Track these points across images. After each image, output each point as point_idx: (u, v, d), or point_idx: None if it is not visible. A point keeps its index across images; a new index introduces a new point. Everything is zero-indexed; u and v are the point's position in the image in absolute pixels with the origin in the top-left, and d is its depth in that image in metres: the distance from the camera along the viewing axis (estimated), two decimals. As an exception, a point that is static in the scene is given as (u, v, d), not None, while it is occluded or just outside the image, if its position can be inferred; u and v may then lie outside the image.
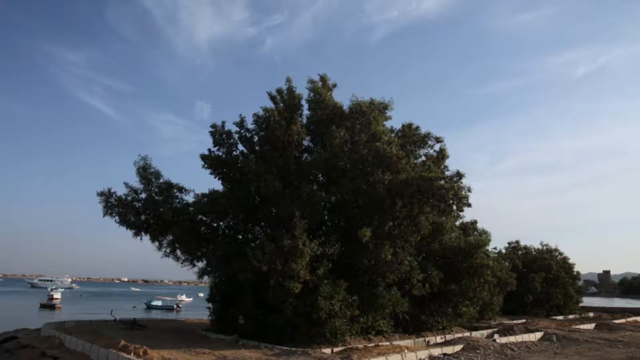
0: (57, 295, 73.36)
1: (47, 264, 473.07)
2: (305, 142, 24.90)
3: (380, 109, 24.68)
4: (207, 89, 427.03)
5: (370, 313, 21.29)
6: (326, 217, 23.62)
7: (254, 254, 19.23)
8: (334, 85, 25.96)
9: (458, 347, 20.74)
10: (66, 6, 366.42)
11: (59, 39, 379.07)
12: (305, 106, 25.14)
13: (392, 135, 24.92)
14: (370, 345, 20.23)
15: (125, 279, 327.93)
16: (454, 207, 22.24)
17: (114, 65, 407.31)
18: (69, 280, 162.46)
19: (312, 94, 24.92)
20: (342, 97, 25.43)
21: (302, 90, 25.18)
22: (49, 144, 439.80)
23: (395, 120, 26.71)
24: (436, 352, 19.51)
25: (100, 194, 23.10)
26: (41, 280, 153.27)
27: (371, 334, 21.83)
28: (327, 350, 18.58)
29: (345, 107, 24.54)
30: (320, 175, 24.55)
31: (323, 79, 25.72)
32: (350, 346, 19.73)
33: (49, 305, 64.75)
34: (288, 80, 25.04)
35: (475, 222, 31.25)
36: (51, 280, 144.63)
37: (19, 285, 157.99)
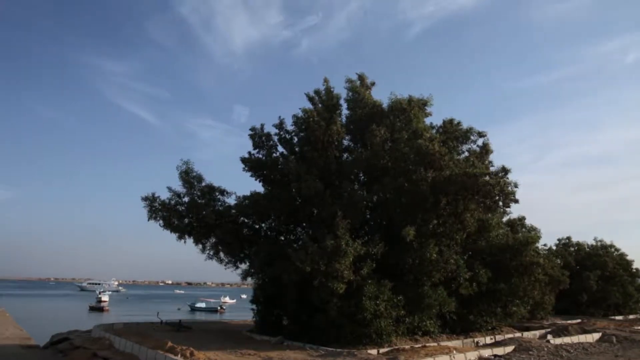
0: (105, 298, 75.60)
1: (95, 267, 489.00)
2: (345, 142, 24.73)
3: (419, 105, 24.19)
4: (244, 92, 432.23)
5: (416, 313, 20.85)
6: (368, 216, 23.31)
7: (297, 254, 19.15)
8: (373, 84, 25.67)
9: (509, 348, 20.06)
10: (108, 20, 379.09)
11: (102, 51, 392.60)
12: (344, 106, 24.96)
13: (433, 131, 24.40)
14: (417, 346, 19.81)
15: (169, 282, 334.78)
16: (500, 204, 21.58)
17: (153, 73, 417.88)
18: (116, 283, 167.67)
19: (350, 94, 24.69)
20: (381, 95, 25.14)
21: (340, 90, 25.06)
22: (96, 151, 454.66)
23: (435, 117, 26.11)
24: (486, 353, 18.92)
25: (145, 199, 23.59)
26: (90, 283, 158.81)
27: (417, 335, 21.39)
28: (373, 351, 18.29)
29: (385, 105, 24.18)
30: (361, 175, 24.30)
31: (361, 77, 25.46)
32: (396, 347, 19.37)
33: (97, 308, 66.78)
34: (326, 80, 24.95)
35: (523, 218, 30.31)
36: (99, 284, 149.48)
37: (69, 289, 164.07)
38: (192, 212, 23.19)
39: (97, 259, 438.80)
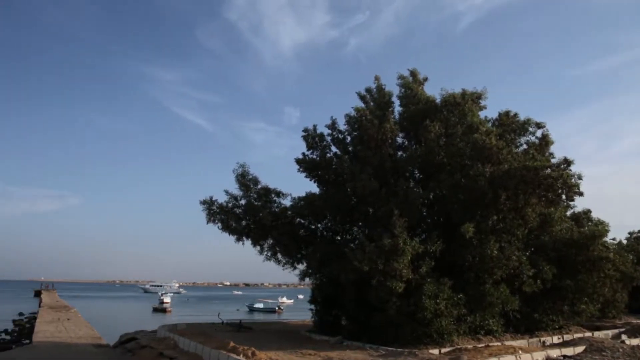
0: (167, 299, 78.24)
1: (157, 270, 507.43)
2: (399, 139, 24.45)
3: (473, 99, 23.57)
4: (294, 94, 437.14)
5: (478, 312, 20.35)
6: (425, 214, 22.96)
7: (354, 254, 19.10)
8: (425, 79, 25.24)
9: (579, 349, 19.18)
10: (160, 32, 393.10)
11: (156, 61, 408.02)
12: (397, 103, 24.68)
13: (489, 125, 23.71)
14: (480, 345, 19.32)
15: (228, 283, 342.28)
16: (564, 197, 20.64)
17: (205, 79, 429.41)
18: (177, 285, 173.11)
19: (402, 90, 24.39)
20: (433, 91, 24.56)
21: (392, 87, 24.80)
22: (155, 158, 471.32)
23: (490, 110, 25.34)
24: (554, 353, 18.18)
25: (203, 202, 24.25)
26: (152, 285, 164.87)
27: (480, 334, 20.86)
28: (435, 351, 17.98)
29: (438, 101, 23.73)
30: (416, 172, 23.94)
31: (413, 73, 25.11)
32: (458, 347, 18.97)
33: (160, 309, 69.19)
34: (377, 78, 24.79)
35: (589, 211, 28.84)
36: (161, 286, 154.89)
37: (133, 291, 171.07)
38: (249, 214, 23.63)
39: (158, 262, 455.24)
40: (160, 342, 20.68)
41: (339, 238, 24.77)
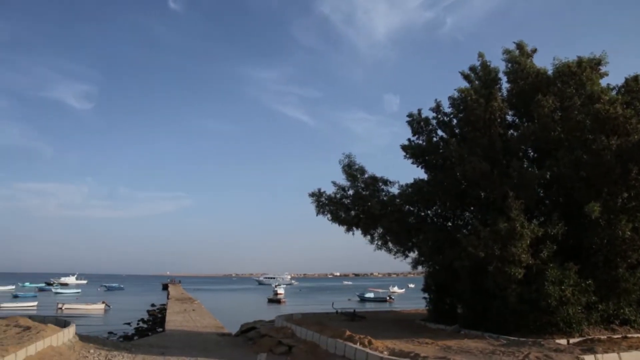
0: (281, 290, 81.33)
1: (270, 263, 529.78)
2: (509, 117, 23.04)
3: (591, 66, 21.45)
4: (392, 81, 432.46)
5: (610, 299, 18.57)
6: (542, 194, 21.48)
7: (468, 240, 18.44)
8: (534, 51, 23.46)
9: None
10: (257, 32, 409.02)
11: (255, 61, 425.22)
12: (504, 79, 23.27)
13: (614, 93, 21.49)
14: (615, 336, 17.64)
15: (337, 274, 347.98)
16: None
17: (303, 74, 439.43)
18: (289, 276, 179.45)
19: (509, 65, 22.87)
20: (543, 62, 22.89)
21: (497, 63, 23.38)
22: (261, 155, 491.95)
23: (612, 76, 22.91)
24: None
25: (312, 195, 24.75)
26: (266, 277, 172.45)
27: (614, 324, 19.04)
28: (562, 341, 16.71)
29: (550, 72, 21.99)
30: (530, 151, 22.49)
31: (520, 46, 23.45)
32: (589, 337, 17.49)
33: (275, 300, 72.09)
34: (480, 55, 23.56)
35: None
36: (274, 278, 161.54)
37: (249, 283, 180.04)
38: (357, 204, 23.70)
39: (271, 255, 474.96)
40: (278, 331, 21.40)
41: (450, 224, 24.07)
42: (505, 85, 23.38)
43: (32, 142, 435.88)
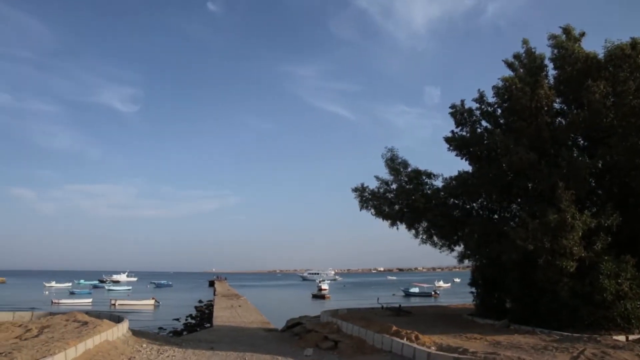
0: (325, 286, 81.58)
1: (314, 259, 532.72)
2: (556, 105, 22.20)
3: (647, 47, 20.42)
4: (433, 72, 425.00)
5: (675, 295, 17.70)
6: (594, 184, 20.64)
7: (516, 232, 17.93)
8: (582, 35, 22.47)
9: None
10: (296, 29, 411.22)
11: (293, 58, 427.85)
12: (550, 66, 22.44)
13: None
14: (678, 331, 16.81)
15: (381, 269, 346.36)
16: None
17: (342, 69, 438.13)
18: (333, 272, 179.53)
19: (555, 51, 22.02)
20: (593, 46, 21.95)
21: (542, 49, 22.59)
22: (303, 152, 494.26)
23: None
24: None
25: (355, 190, 24.66)
26: (310, 273, 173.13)
27: (679, 321, 18.12)
28: (621, 338, 16.04)
29: (601, 56, 21.05)
30: (579, 139, 21.69)
31: (566, 30, 22.53)
32: (650, 333, 16.73)
33: (319, 295, 72.32)
34: (525, 42, 22.84)
35: None
36: (318, 273, 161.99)
37: (293, 279, 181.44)
38: (401, 198, 23.48)
39: (315, 251, 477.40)
40: (324, 326, 21.46)
41: (496, 217, 23.50)
42: (551, 72, 22.60)
43: (82, 145, 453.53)
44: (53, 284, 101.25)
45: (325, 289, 78.23)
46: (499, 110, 23.05)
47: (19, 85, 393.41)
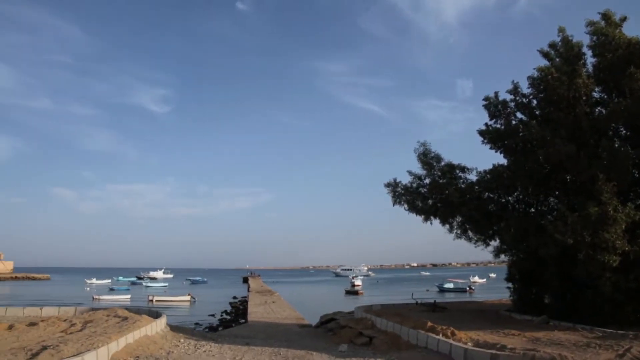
0: (358, 282, 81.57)
1: (346, 255, 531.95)
2: (595, 94, 21.48)
3: (694, 32, 19.51)
4: (464, 65, 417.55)
5: None
6: (637, 175, 19.90)
7: (555, 226, 17.44)
8: (623, 19, 21.57)
9: None
10: (324, 26, 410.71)
11: (323, 55, 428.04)
12: (589, 53, 21.68)
13: None
14: None
15: (414, 264, 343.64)
16: None
17: (372, 65, 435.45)
18: (365, 268, 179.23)
19: (594, 38, 21.25)
20: (635, 32, 21.12)
21: (579, 37, 21.83)
22: (335, 149, 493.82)
23: None
24: None
25: (387, 185, 24.49)
26: (342, 269, 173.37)
27: None
28: (670, 335, 15.43)
29: (644, 41, 20.22)
30: (621, 129, 20.88)
31: (606, 15, 21.68)
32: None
33: (352, 291, 72.26)
34: (561, 30, 22.11)
35: None
36: (351, 269, 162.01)
37: (326, 275, 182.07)
38: (434, 192, 23.17)
39: (347, 247, 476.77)
40: (358, 322, 21.42)
41: (533, 210, 22.96)
42: (590, 60, 21.82)
43: (118, 146, 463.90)
44: (94, 280, 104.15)
45: (358, 285, 78.15)
46: (535, 102, 22.50)
47: (58, 89, 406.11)
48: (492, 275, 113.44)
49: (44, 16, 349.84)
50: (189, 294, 59.43)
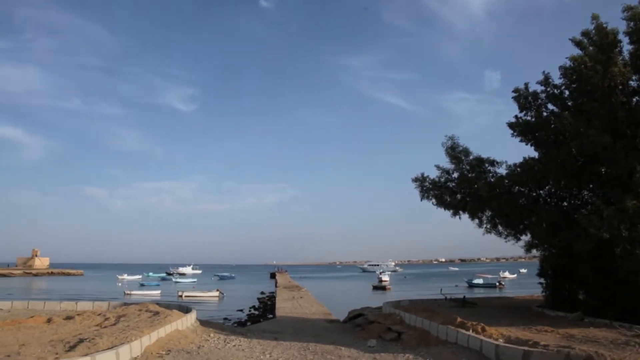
0: (386, 277, 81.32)
1: (373, 250, 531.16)
2: (632, 83, 20.72)
3: None
4: (491, 56, 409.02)
5: None
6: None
7: (589, 220, 16.98)
8: (664, 3, 20.82)
9: None
10: (348, 20, 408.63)
11: (347, 50, 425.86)
12: (625, 40, 20.89)
13: None
14: None
15: (443, 259, 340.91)
16: None
17: (397, 58, 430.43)
18: (393, 263, 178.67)
19: (631, 24, 20.45)
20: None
21: (615, 23, 21.03)
22: (359, 142, 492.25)
23: None
24: None
25: (415, 180, 24.27)
26: (370, 265, 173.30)
27: None
28: None
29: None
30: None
31: (644, -1, 20.93)
32: None
33: (380, 287, 72.05)
34: (594, 17, 21.31)
35: None
36: (378, 265, 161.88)
37: (353, 270, 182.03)
38: (463, 186, 22.85)
39: (374, 242, 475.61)
40: (387, 317, 21.32)
41: (565, 204, 22.38)
42: (626, 47, 21.03)
43: (146, 144, 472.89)
44: (125, 276, 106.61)
45: (386, 280, 77.90)
46: (567, 92, 21.84)
47: (88, 90, 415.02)
48: (523, 270, 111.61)
49: (73, 19, 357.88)
50: (217, 290, 60.25)
